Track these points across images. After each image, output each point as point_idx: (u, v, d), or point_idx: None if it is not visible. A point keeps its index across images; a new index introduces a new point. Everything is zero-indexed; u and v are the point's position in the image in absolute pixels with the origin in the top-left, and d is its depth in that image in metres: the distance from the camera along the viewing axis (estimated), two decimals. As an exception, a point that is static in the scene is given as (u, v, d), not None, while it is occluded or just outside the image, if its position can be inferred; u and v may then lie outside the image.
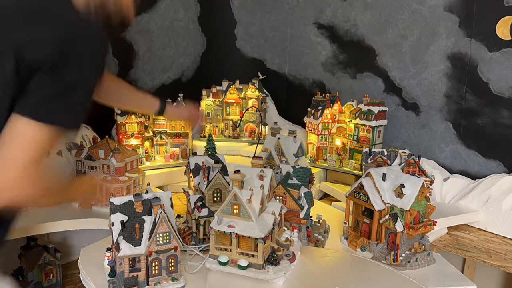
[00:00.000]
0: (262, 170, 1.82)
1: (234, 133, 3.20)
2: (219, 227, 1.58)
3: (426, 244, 1.85)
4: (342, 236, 1.96)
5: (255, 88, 3.19)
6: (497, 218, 2.36)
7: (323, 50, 3.30)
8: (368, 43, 3.04)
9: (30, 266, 1.82)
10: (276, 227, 1.72)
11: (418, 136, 2.89)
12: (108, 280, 1.55)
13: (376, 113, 2.63)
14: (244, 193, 1.61)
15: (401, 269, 1.74)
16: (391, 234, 1.79)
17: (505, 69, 2.47)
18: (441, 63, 2.72)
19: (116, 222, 1.49)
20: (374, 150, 2.29)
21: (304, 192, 1.94)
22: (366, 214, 1.87)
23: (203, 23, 3.65)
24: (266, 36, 3.62)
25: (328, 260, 1.79)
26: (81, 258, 1.74)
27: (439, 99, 2.76)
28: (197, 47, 3.67)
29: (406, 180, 1.77)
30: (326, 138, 2.84)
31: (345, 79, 3.22)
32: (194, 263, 1.71)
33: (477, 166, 2.66)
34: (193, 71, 3.67)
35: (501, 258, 2.13)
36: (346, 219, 1.94)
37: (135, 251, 1.45)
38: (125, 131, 2.63)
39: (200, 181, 1.89)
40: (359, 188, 1.83)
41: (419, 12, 2.76)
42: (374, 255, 1.80)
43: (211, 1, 3.64)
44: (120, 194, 2.13)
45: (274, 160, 2.29)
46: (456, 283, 1.68)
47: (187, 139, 2.85)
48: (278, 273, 1.59)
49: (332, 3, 3.18)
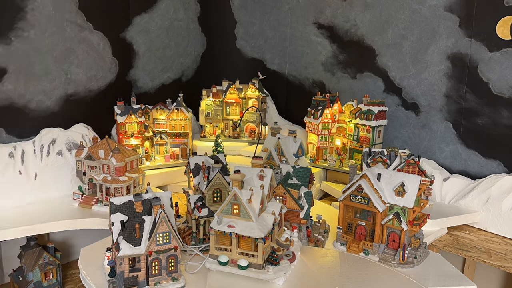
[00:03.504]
0: (262, 170, 1.82)
1: (234, 133, 3.20)
2: (219, 227, 1.58)
3: (421, 237, 1.89)
4: (336, 242, 1.94)
5: (255, 88, 3.19)
6: (497, 218, 2.36)
7: (323, 50, 3.30)
8: (368, 43, 3.04)
9: (30, 266, 1.81)
10: (276, 227, 1.72)
11: (418, 136, 2.89)
12: (108, 280, 1.55)
13: (376, 113, 2.63)
14: (244, 193, 1.61)
15: (411, 267, 1.75)
16: (391, 233, 1.79)
17: (505, 69, 2.47)
18: (441, 63, 2.72)
19: (116, 222, 1.49)
20: (374, 150, 2.29)
21: (304, 192, 1.94)
22: (359, 216, 1.86)
23: (203, 23, 3.65)
24: (266, 36, 3.62)
25: (328, 260, 1.79)
26: (81, 258, 1.74)
27: (439, 99, 2.76)
28: (197, 47, 3.67)
29: (403, 178, 1.78)
30: (326, 138, 2.84)
31: (345, 79, 3.22)
32: (194, 263, 1.71)
33: (477, 166, 2.66)
34: (193, 71, 3.67)
35: (501, 258, 2.13)
36: (340, 224, 1.91)
37: (135, 251, 1.45)
38: (125, 131, 2.63)
39: (200, 181, 1.90)
40: (357, 191, 1.82)
41: (419, 12, 2.76)
42: (381, 257, 1.80)
43: (211, 1, 3.64)
44: (120, 194, 2.13)
45: (274, 160, 2.29)
46: (456, 283, 1.68)
47: (187, 139, 2.85)
48: (278, 273, 1.59)
49: (332, 3, 3.18)
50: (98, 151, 2.16)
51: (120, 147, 2.22)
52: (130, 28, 3.09)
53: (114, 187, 2.10)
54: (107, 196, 2.13)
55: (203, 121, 3.20)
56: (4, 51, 2.48)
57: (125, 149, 2.28)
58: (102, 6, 2.87)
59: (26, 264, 1.84)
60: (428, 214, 1.92)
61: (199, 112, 3.19)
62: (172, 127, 2.81)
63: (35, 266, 1.80)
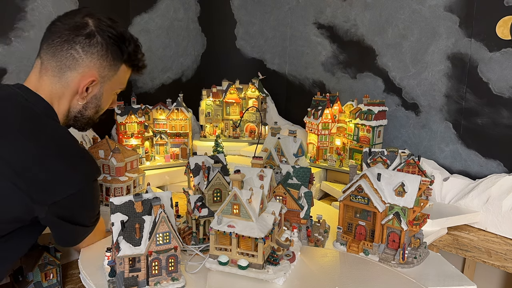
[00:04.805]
0: (262, 170, 1.82)
1: (234, 133, 3.20)
2: (219, 227, 1.58)
3: (421, 237, 1.88)
4: (336, 242, 1.94)
5: (255, 88, 3.19)
6: (497, 218, 2.36)
7: (323, 50, 3.30)
8: (368, 43, 3.04)
9: (30, 266, 1.81)
10: (276, 227, 1.72)
11: (418, 136, 2.89)
12: (108, 280, 1.55)
13: (376, 113, 2.63)
14: (244, 193, 1.61)
15: (411, 267, 1.75)
16: (391, 233, 1.79)
17: (505, 69, 2.47)
18: (441, 63, 2.72)
19: (116, 222, 1.49)
20: (374, 150, 2.29)
21: (304, 192, 1.94)
22: (359, 216, 1.86)
23: (203, 23, 3.65)
24: (266, 36, 3.62)
25: (328, 260, 1.79)
26: (81, 258, 1.74)
27: (439, 99, 2.76)
28: (197, 47, 3.67)
29: (403, 178, 1.78)
30: (326, 138, 2.84)
31: (345, 79, 3.22)
32: (194, 263, 1.71)
33: (477, 166, 2.66)
34: (193, 71, 3.67)
35: (501, 258, 2.13)
36: (340, 224, 1.92)
37: (135, 251, 1.45)
38: (125, 131, 2.63)
39: (200, 181, 1.89)
40: (357, 191, 1.82)
41: (419, 12, 2.76)
42: (381, 257, 1.80)
43: (211, 1, 3.64)
44: (120, 194, 2.13)
45: (274, 160, 2.29)
46: (456, 283, 1.68)
47: (187, 139, 2.85)
48: (278, 273, 1.59)
49: (332, 3, 3.18)
50: (98, 151, 2.16)
51: (120, 147, 2.22)
52: (130, 28, 3.09)
53: (114, 187, 2.10)
54: (107, 196, 2.13)
55: (203, 121, 3.20)
56: (4, 51, 2.48)
57: (125, 149, 2.28)
58: (102, 6, 2.87)
59: (26, 264, 1.84)
60: (428, 214, 1.92)
61: (199, 112, 3.18)
62: (172, 127, 2.81)
63: (35, 266, 1.80)
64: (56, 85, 1.72)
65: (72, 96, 1.77)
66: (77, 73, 1.73)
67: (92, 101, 1.83)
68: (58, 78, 1.72)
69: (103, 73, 1.78)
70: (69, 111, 1.79)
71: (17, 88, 1.70)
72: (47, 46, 1.72)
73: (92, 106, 1.84)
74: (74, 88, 1.75)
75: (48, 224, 1.63)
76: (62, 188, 1.55)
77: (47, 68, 1.72)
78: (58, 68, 1.72)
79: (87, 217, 1.73)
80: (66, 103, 1.76)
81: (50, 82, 1.72)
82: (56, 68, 1.71)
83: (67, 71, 1.72)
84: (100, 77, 1.78)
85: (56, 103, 1.74)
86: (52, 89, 1.72)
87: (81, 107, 1.81)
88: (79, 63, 1.72)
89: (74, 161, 1.63)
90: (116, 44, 1.78)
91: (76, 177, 1.59)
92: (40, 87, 1.72)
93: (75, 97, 1.78)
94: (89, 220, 1.75)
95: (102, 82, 1.81)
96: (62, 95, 1.74)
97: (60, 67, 1.71)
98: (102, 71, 1.78)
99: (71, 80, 1.74)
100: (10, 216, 1.51)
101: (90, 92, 1.80)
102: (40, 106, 1.68)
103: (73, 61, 1.71)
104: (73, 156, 1.64)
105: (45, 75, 1.72)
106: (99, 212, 1.82)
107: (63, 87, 1.74)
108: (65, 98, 1.76)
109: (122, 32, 1.82)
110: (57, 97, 1.74)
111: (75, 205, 1.62)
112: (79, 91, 1.76)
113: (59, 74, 1.72)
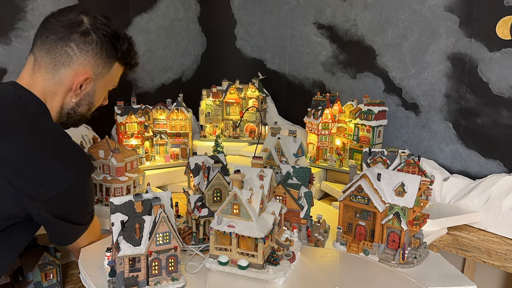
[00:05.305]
0: (262, 170, 1.82)
1: (234, 133, 3.20)
2: (219, 227, 1.58)
3: (421, 237, 1.88)
4: (336, 242, 1.94)
5: (255, 88, 3.19)
6: (497, 218, 2.36)
7: (323, 50, 3.30)
8: (368, 43, 3.04)
9: (30, 266, 1.81)
10: (276, 227, 1.72)
11: (418, 136, 2.89)
12: (108, 280, 1.55)
13: (376, 113, 2.63)
14: (244, 193, 1.61)
15: (411, 267, 1.75)
16: (391, 233, 1.79)
17: (505, 69, 2.47)
18: (441, 63, 2.72)
19: (116, 222, 1.49)
20: (374, 150, 2.29)
21: (304, 192, 1.94)
22: (359, 216, 1.86)
23: (203, 23, 3.65)
24: (266, 36, 3.62)
25: (328, 260, 1.79)
26: (81, 258, 1.74)
27: (439, 99, 2.76)
28: (197, 47, 3.67)
29: (403, 178, 1.78)
30: (326, 138, 2.84)
31: (345, 79, 3.22)
32: (194, 263, 1.71)
33: (477, 166, 2.66)
34: (193, 71, 3.67)
35: (501, 258, 2.13)
36: (340, 224, 1.91)
37: (135, 251, 1.45)
38: (125, 131, 2.63)
39: (200, 181, 1.89)
40: (357, 191, 1.82)
41: (419, 12, 2.76)
42: (381, 257, 1.80)
43: (211, 1, 3.64)
44: (120, 194, 2.13)
45: (274, 160, 2.29)
46: (456, 283, 1.68)
47: (187, 139, 2.85)
48: (278, 273, 1.59)
49: (332, 3, 3.18)
50: (98, 151, 2.16)
51: (120, 147, 2.22)
52: (130, 28, 3.09)
53: (114, 187, 2.10)
54: (107, 196, 2.13)
55: (203, 121, 3.20)
56: (4, 51, 2.48)
57: (125, 149, 2.28)
58: (102, 6, 2.87)
59: (26, 264, 1.83)
60: (428, 214, 1.92)
61: (199, 112, 3.18)
62: (172, 127, 2.81)
63: (35, 266, 1.80)
64: (50, 81, 1.73)
65: (66, 93, 1.78)
66: (71, 70, 1.74)
67: (85, 98, 1.84)
68: (52, 75, 1.73)
69: (97, 70, 1.79)
70: (62, 108, 1.80)
71: (11, 85, 1.70)
72: (41, 43, 1.72)
73: (85, 103, 1.85)
74: (67, 85, 1.76)
75: (42, 221, 1.63)
76: (56, 184, 1.55)
77: (40, 65, 1.72)
78: (52, 65, 1.72)
79: (81, 214, 1.73)
80: (59, 100, 1.77)
81: (44, 78, 1.72)
82: (50, 65, 1.72)
83: (61, 68, 1.72)
84: (94, 74, 1.79)
85: (49, 100, 1.74)
86: (45, 86, 1.73)
87: (74, 104, 1.82)
88: (73, 61, 1.72)
89: (67, 157, 1.63)
90: (111, 42, 1.79)
91: (69, 173, 1.59)
92: (33, 83, 1.72)
93: (68, 94, 1.79)
94: (83, 218, 1.74)
95: (96, 80, 1.81)
96: (55, 92, 1.75)
97: (54, 64, 1.72)
98: (96, 69, 1.79)
99: (64, 77, 1.74)
100: (4, 213, 1.51)
101: (83, 89, 1.80)
102: (34, 104, 1.68)
103: (67, 58, 1.72)
104: (66, 153, 1.64)
105: (38, 72, 1.73)
106: (93, 211, 1.81)
107: (57, 84, 1.74)
108: (58, 95, 1.76)
109: (117, 30, 1.82)
110: (50, 94, 1.74)
111: (68, 202, 1.62)
112: (73, 88, 1.77)
113: (53, 71, 1.72)
